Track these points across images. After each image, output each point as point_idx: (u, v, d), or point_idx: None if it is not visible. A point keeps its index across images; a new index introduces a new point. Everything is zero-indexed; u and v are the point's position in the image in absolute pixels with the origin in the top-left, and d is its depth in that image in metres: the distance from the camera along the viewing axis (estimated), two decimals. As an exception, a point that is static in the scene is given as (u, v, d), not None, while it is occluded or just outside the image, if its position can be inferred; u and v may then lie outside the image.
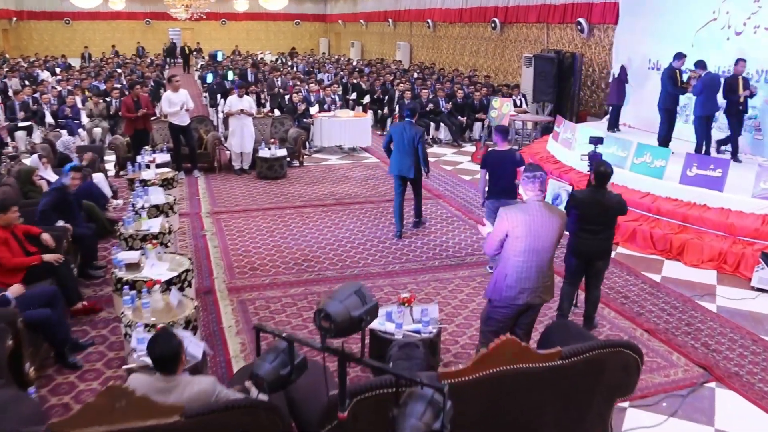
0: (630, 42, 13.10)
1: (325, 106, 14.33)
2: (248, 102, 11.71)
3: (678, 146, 10.62)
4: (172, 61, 38.10)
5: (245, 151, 11.77)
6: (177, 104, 10.92)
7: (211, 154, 11.96)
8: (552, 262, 4.56)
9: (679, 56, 10.31)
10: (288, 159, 12.19)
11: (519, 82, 17.58)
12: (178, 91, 11.06)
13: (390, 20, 29.04)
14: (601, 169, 6.01)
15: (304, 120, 13.88)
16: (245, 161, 11.89)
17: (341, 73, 22.01)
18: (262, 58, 30.13)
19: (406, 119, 8.35)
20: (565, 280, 6.04)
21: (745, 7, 10.48)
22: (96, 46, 36.90)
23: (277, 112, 14.33)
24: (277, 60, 32.18)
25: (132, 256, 6.25)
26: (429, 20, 24.77)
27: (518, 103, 15.54)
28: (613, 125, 12.50)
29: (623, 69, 12.25)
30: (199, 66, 28.68)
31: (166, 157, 10.96)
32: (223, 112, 12.68)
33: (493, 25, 19.93)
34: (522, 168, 7.19)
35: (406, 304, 5.14)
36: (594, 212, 5.89)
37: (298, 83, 16.68)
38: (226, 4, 38.46)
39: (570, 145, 10.59)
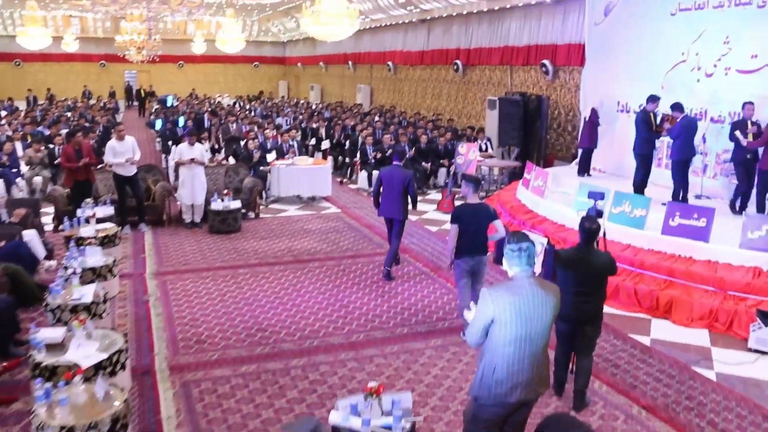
0: (598, 84, 12.75)
1: (285, 154, 13.63)
2: (200, 150, 10.95)
3: (653, 192, 10.17)
4: (129, 103, 37.26)
5: (196, 203, 10.96)
6: (122, 154, 10.12)
7: (159, 206, 11.12)
8: (547, 348, 3.86)
9: (653, 99, 9.91)
10: (243, 211, 11.42)
11: (483, 125, 17.16)
12: (123, 140, 10.26)
13: (350, 63, 28.67)
14: (586, 226, 5.42)
15: (261, 168, 13.14)
16: (197, 214, 11.07)
17: (300, 117, 21.40)
18: (219, 102, 29.44)
19: (395, 163, 8.43)
20: (556, 349, 5.38)
21: (714, 49, 10.15)
22: (51, 89, 35.82)
23: (232, 160, 13.54)
24: (234, 104, 31.55)
25: (54, 335, 5.40)
26: (389, 63, 24.43)
27: (483, 147, 15.05)
28: (584, 170, 12.03)
29: (594, 111, 11.83)
30: (154, 110, 27.87)
31: (108, 210, 10.13)
32: (173, 160, 11.86)
33: (455, 67, 19.59)
34: (495, 223, 6.59)
35: (374, 395, 4.38)
36: (581, 273, 5.31)
37: (255, 129, 15.96)
38: (184, 46, 37.82)
39: (542, 193, 10.03)
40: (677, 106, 9.36)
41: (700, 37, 10.39)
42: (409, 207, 8.49)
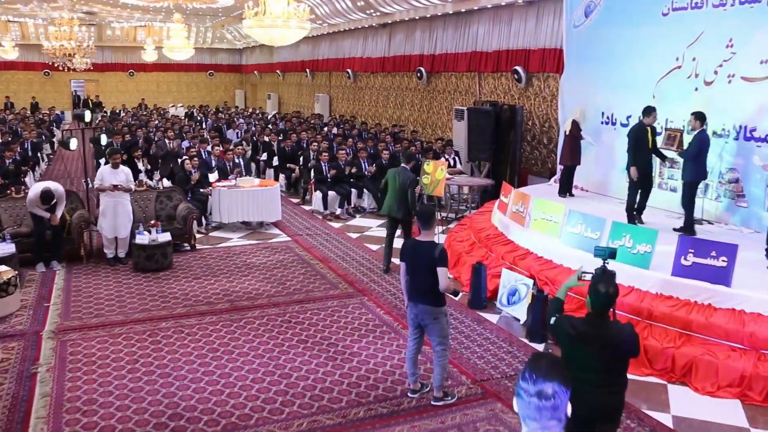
0: (578, 92, 11.41)
1: (229, 174, 12.04)
2: (125, 174, 9.31)
3: (651, 217, 8.85)
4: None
5: (120, 236, 9.33)
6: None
7: (76, 239, 9.43)
8: None
9: (649, 111, 8.57)
10: (177, 242, 9.83)
11: (450, 138, 15.77)
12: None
13: (307, 70, 27.10)
14: (601, 290, 4.01)
15: (201, 191, 11.51)
16: (121, 248, 9.44)
17: (252, 129, 19.75)
18: (166, 112, 27.61)
19: (402, 165, 8.94)
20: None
21: (715, 54, 8.87)
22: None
23: (167, 182, 11.86)
24: (187, 114, 29.72)
25: None
26: (349, 70, 22.92)
27: (452, 162, 13.63)
28: (566, 189, 10.66)
29: (576, 124, 10.46)
30: (98, 121, 25.87)
31: (9, 248, 8.46)
32: (93, 186, 10.16)
33: (418, 74, 18.17)
34: (438, 270, 5.17)
35: None
36: (592, 353, 3.88)
37: (198, 144, 14.29)
38: (134, 54, 35.88)
39: (524, 222, 8.60)
40: (699, 116, 7.98)
41: (698, 40, 9.10)
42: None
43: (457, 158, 13.84)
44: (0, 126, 20.01)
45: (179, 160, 12.41)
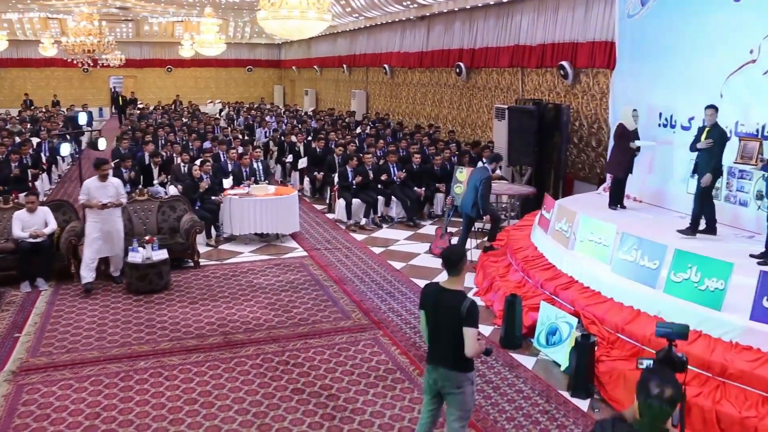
0: (632, 90, 10.07)
1: (243, 180, 11.07)
2: (114, 188, 8.30)
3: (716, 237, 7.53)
4: (114, 112, 34.87)
5: (112, 254, 8.41)
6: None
7: (66, 255, 8.54)
8: None
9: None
10: (179, 258, 8.90)
11: (491, 138, 14.53)
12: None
13: (344, 66, 26.06)
14: (653, 391, 2.76)
15: (213, 198, 10.55)
16: (114, 267, 8.53)
17: (283, 128, 18.79)
18: (196, 109, 26.89)
19: (486, 164, 9.22)
20: None
21: (799, 44, 7.48)
22: (30, 96, 33.57)
23: (174, 190, 10.92)
24: (221, 111, 29.03)
25: None
26: (386, 65, 21.79)
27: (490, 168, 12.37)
28: (616, 201, 9.37)
29: (621, 128, 9.11)
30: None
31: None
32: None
33: (457, 70, 16.93)
34: (465, 330, 4.00)
35: None
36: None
37: (218, 146, 13.37)
38: (172, 50, 35.41)
39: (569, 242, 7.36)
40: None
41: (778, 28, 7.71)
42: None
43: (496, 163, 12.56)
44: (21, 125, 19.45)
45: (182, 165, 11.37)
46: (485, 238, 9.63)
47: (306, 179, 13.81)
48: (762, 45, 7.88)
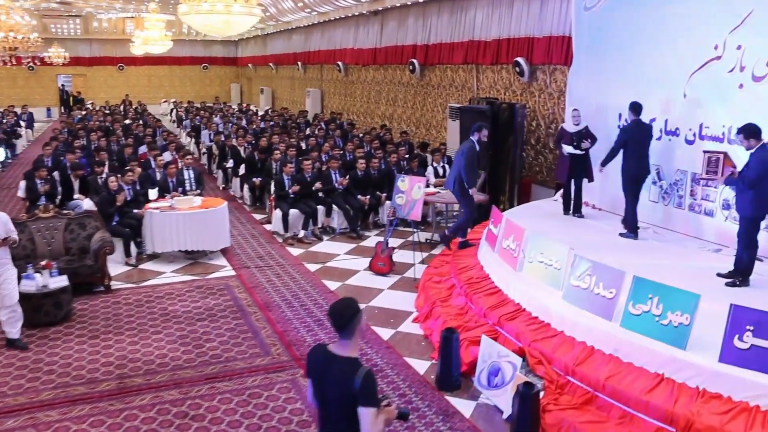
0: (590, 89, 9.28)
1: (170, 191, 10.07)
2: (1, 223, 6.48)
3: (680, 253, 6.75)
4: (63, 112, 33.41)
5: (6, 303, 6.81)
6: None
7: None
8: None
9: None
10: (88, 282, 7.91)
11: (445, 140, 13.72)
12: None
13: (299, 63, 25.06)
14: None
15: (134, 211, 9.54)
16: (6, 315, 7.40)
17: (228, 129, 17.73)
18: (144, 109, 25.64)
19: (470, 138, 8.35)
20: None
21: (767, 41, 6.72)
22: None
23: (88, 204, 9.86)
24: (172, 111, 27.81)
25: None
26: (339, 62, 20.85)
27: (440, 171, 11.55)
28: (568, 208, 8.62)
29: (561, 130, 8.35)
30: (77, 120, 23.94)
31: None
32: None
33: (411, 67, 16.07)
34: (359, 411, 3.04)
35: None
36: None
37: (149, 152, 12.31)
38: (124, 47, 33.98)
39: (516, 263, 6.52)
40: (752, 131, 5.72)
41: (744, 23, 6.92)
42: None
43: (447, 167, 11.74)
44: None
45: (99, 177, 10.33)
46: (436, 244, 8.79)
47: (245, 187, 12.82)
48: (727, 40, 7.11)
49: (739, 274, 5.79)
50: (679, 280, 5.71)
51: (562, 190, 9.32)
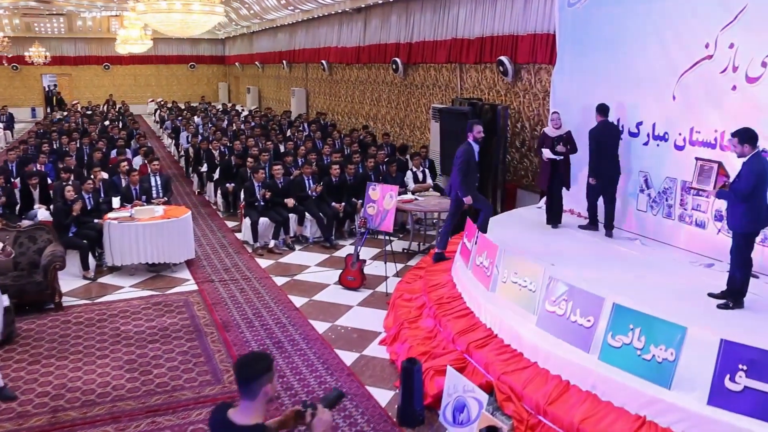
0: (574, 90, 8.77)
1: (132, 200, 9.51)
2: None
3: (667, 268, 6.24)
4: (49, 113, 32.80)
5: None
6: None
7: None
8: None
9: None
10: (37, 300, 7.37)
11: (429, 141, 13.20)
12: None
13: (284, 62, 24.49)
14: None
15: (95, 221, 9.01)
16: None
17: (207, 131, 17.17)
18: (125, 110, 25.03)
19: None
20: None
21: (762, 39, 6.20)
22: None
23: (43, 215, 9.31)
24: (156, 111, 27.22)
25: None
26: (323, 61, 20.30)
27: (420, 176, 11.02)
28: (549, 217, 8.13)
29: (542, 134, 7.88)
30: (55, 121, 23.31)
31: None
32: None
33: (394, 66, 15.53)
34: None
35: None
36: None
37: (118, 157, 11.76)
38: (109, 46, 33.35)
39: (489, 282, 5.99)
40: (747, 136, 5.18)
41: (737, 19, 6.40)
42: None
43: (427, 172, 11.21)
44: None
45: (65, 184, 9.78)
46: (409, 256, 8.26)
47: (218, 193, 12.27)
48: (719, 38, 6.60)
49: (732, 296, 5.28)
50: (666, 300, 5.25)
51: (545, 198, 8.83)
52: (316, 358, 6.25)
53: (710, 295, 5.54)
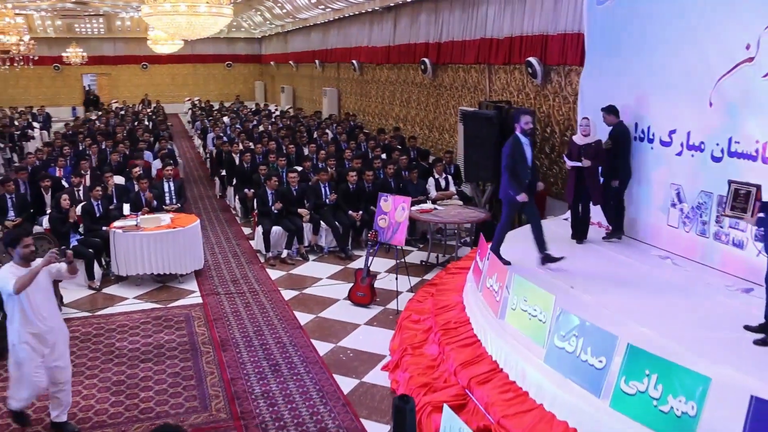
0: (602, 94, 8.14)
1: (140, 208, 9.25)
2: (48, 273, 5.15)
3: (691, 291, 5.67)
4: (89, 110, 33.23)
5: (57, 388, 6.23)
6: None
7: None
8: None
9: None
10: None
11: (457, 146, 12.69)
12: None
13: (317, 61, 24.18)
14: None
15: (103, 229, 8.77)
16: (61, 405, 6.64)
17: (232, 133, 16.93)
18: (156, 110, 24.98)
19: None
20: None
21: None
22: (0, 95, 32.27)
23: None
24: (189, 110, 27.19)
25: None
26: (354, 61, 19.90)
27: (443, 183, 10.53)
28: (574, 232, 7.57)
29: (570, 143, 7.34)
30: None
31: None
32: None
33: (422, 67, 15.03)
34: None
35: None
36: None
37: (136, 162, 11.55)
38: (147, 46, 33.53)
39: (498, 308, 5.49)
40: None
41: (783, 17, 5.81)
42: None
43: (450, 178, 10.70)
44: None
45: (77, 189, 9.63)
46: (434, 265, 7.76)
47: (236, 199, 11.97)
48: (762, 39, 5.98)
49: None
50: (695, 331, 4.74)
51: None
52: (312, 385, 5.83)
53: (746, 327, 4.97)
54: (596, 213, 7.87)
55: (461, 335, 5.61)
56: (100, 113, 25.15)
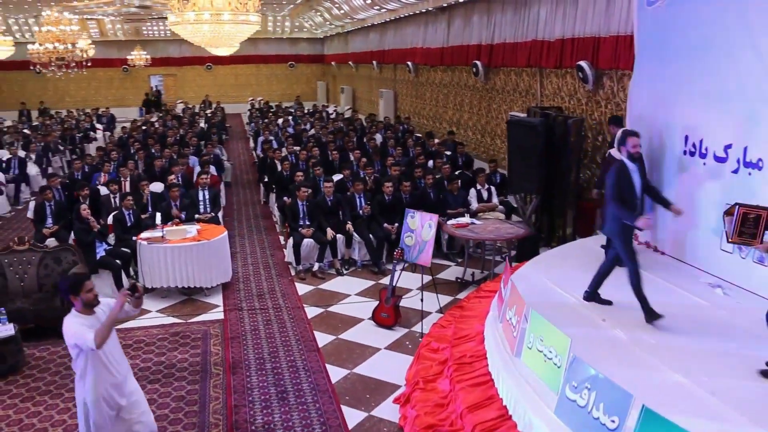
0: (652, 103, 7.51)
1: (170, 218, 9.13)
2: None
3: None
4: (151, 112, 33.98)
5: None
6: None
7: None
8: None
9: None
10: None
11: (505, 154, 12.13)
12: None
13: (374, 62, 23.89)
14: None
15: (133, 239, 8.68)
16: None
17: (281, 137, 16.78)
18: (215, 111, 25.15)
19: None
20: None
21: None
22: (71, 97, 33.39)
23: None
24: (248, 111, 27.29)
25: None
26: (409, 63, 19.49)
27: (485, 195, 10.02)
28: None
29: (610, 158, 6.72)
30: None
31: None
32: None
33: (474, 69, 14.50)
34: None
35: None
36: None
37: (176, 165, 11.49)
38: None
39: (515, 344, 5.00)
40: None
41: None
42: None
43: (493, 189, 10.18)
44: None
45: (111, 197, 9.58)
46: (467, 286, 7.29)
47: (275, 210, 11.75)
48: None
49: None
50: (738, 380, 4.17)
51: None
52: (317, 417, 5.48)
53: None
54: (644, 232, 7.25)
55: (475, 371, 5.16)
56: (161, 115, 25.50)
